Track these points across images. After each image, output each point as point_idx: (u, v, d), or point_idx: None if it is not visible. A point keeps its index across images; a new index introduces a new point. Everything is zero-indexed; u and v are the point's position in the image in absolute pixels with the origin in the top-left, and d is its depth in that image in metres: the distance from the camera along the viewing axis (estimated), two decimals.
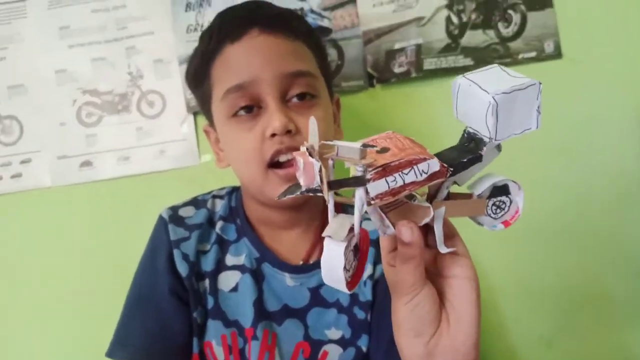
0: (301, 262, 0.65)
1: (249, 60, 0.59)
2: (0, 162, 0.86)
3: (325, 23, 0.86)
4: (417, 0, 0.86)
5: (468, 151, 0.36)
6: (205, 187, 0.74)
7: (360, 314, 0.64)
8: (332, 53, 0.86)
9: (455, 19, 0.86)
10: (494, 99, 0.32)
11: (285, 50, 0.60)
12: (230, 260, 0.65)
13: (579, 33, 0.85)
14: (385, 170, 0.32)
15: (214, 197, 0.70)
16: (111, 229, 0.85)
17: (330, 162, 0.33)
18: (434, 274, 0.39)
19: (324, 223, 0.66)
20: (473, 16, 0.87)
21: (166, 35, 0.86)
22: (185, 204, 0.68)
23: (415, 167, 0.33)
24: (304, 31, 0.65)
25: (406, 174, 0.33)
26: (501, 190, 0.40)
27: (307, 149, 0.31)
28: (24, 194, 0.86)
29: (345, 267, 0.34)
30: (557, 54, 0.85)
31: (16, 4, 0.88)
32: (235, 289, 0.63)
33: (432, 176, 0.34)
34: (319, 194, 0.32)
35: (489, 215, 0.40)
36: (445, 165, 0.35)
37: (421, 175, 0.33)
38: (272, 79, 0.58)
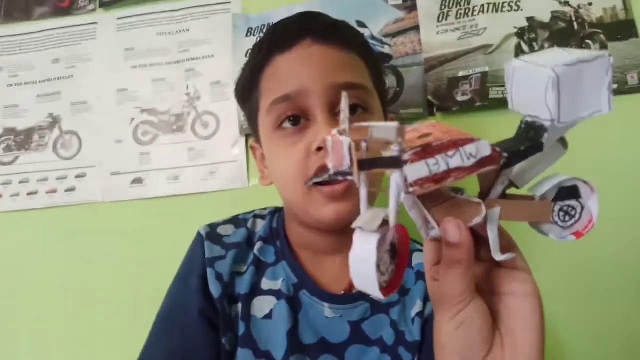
0: (343, 292, 0.59)
1: (298, 70, 0.56)
2: (57, 176, 0.87)
3: (385, 50, 0.83)
4: (484, 28, 0.82)
5: (527, 140, 0.31)
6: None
7: (405, 356, 0.56)
8: (391, 80, 0.83)
9: (526, 48, 0.81)
10: (554, 71, 0.27)
11: (338, 61, 0.56)
12: (266, 284, 0.60)
13: None
14: (425, 151, 0.27)
15: (256, 216, 0.66)
16: (157, 246, 0.84)
17: (364, 144, 0.28)
18: (486, 292, 0.33)
19: None
20: (546, 45, 0.81)
21: (226, 59, 0.86)
22: (226, 222, 0.65)
23: (461, 149, 0.28)
24: (359, 43, 0.61)
25: (450, 157, 0.28)
26: (570, 192, 0.33)
27: (337, 130, 0.27)
28: (76, 208, 0.86)
29: (378, 266, 0.28)
30: None
31: (88, 26, 0.92)
32: (269, 316, 0.58)
33: (482, 162, 0.28)
34: (350, 177, 0.27)
35: (556, 223, 0.33)
36: (498, 149, 0.29)
37: (469, 159, 0.28)
38: (321, 89, 0.54)
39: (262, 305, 0.58)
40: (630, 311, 0.74)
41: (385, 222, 0.29)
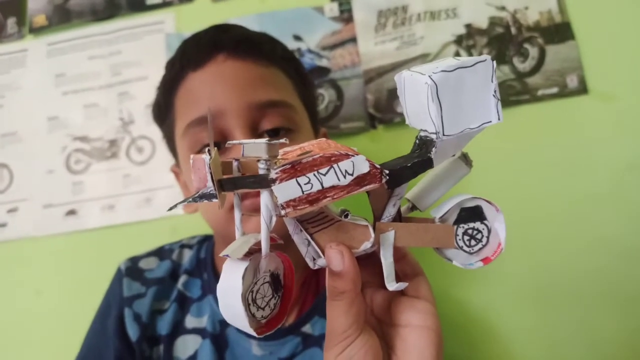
0: None
1: (213, 89, 0.51)
2: None
3: (323, 63, 0.81)
4: (422, 37, 0.80)
5: (416, 156, 0.28)
6: None
7: None
8: (330, 93, 0.80)
9: (464, 55, 0.79)
10: (430, 78, 0.25)
11: (255, 77, 0.52)
12: (190, 322, 0.55)
13: (606, 65, 0.76)
14: (295, 168, 0.25)
15: (183, 246, 0.62)
16: (93, 281, 0.79)
17: (235, 163, 0.26)
18: (386, 323, 0.30)
19: (308, 276, 0.57)
20: (485, 51, 0.79)
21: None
22: (149, 254, 0.61)
23: (335, 165, 0.26)
24: (279, 56, 0.57)
25: (324, 175, 0.25)
26: (473, 214, 0.30)
27: (207, 149, 0.25)
28: (7, 244, 0.82)
29: (246, 298, 0.26)
30: (583, 89, 0.76)
31: (17, 54, 0.88)
32: (193, 357, 0.53)
33: (361, 180, 0.26)
34: (215, 200, 0.24)
35: (461, 248, 0.30)
36: (378, 166, 0.26)
37: (345, 177, 0.26)
38: (239, 109, 0.50)
39: (186, 345, 0.54)
40: (586, 318, 0.72)
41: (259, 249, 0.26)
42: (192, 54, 0.54)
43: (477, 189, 0.65)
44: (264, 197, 0.26)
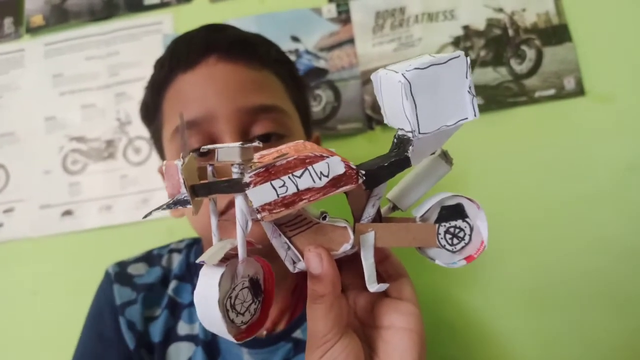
0: (264, 333, 0.54)
1: (203, 92, 0.49)
2: None
3: (321, 64, 0.81)
4: (419, 38, 0.80)
5: (393, 156, 0.28)
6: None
7: None
8: (328, 94, 0.80)
9: None
10: (403, 76, 0.25)
11: (247, 81, 0.50)
12: (183, 328, 0.54)
13: (603, 67, 0.76)
14: (269, 171, 0.25)
15: (171, 251, 0.61)
16: (90, 282, 0.79)
17: (210, 168, 0.26)
18: (368, 325, 0.30)
19: (299, 283, 0.57)
20: (482, 53, 0.80)
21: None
22: (138, 260, 0.59)
23: (309, 167, 0.25)
24: (273, 59, 0.55)
25: (299, 177, 0.25)
26: (455, 212, 0.30)
27: (181, 154, 0.25)
28: (3, 245, 0.81)
29: (224, 305, 0.26)
30: (580, 91, 0.76)
31: (14, 54, 0.88)
32: None
33: (336, 181, 0.26)
34: (189, 206, 0.24)
35: (444, 247, 0.30)
36: (354, 167, 0.26)
37: (320, 178, 0.26)
38: (229, 113, 0.48)
39: (179, 353, 0.53)
40: (584, 319, 0.72)
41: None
42: (183, 54, 0.52)
43: (475, 190, 0.65)
44: (239, 202, 0.26)
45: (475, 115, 0.27)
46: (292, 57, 0.80)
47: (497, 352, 0.73)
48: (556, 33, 0.78)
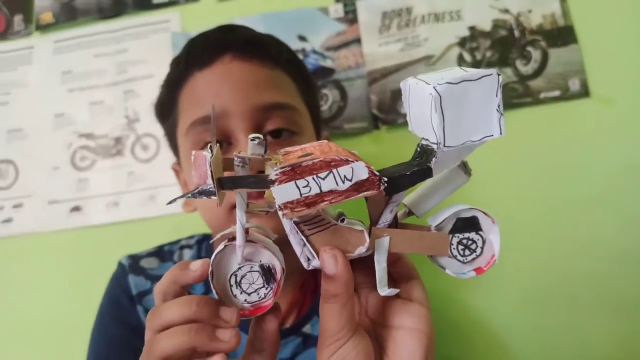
0: None
1: (218, 89, 0.51)
2: None
3: (327, 63, 0.82)
4: (426, 38, 0.81)
5: (416, 165, 0.29)
6: None
7: None
8: (334, 94, 0.81)
9: (468, 57, 0.80)
10: (435, 89, 0.25)
11: (261, 79, 0.52)
12: None
13: (608, 69, 0.76)
14: (294, 171, 0.25)
15: (182, 247, 0.62)
16: (96, 277, 0.80)
17: (237, 160, 0.26)
18: (379, 324, 0.31)
19: (307, 278, 0.58)
20: (488, 54, 0.80)
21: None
22: (149, 255, 0.60)
23: (334, 170, 0.26)
24: (285, 59, 0.57)
25: (323, 179, 0.26)
26: (469, 224, 0.31)
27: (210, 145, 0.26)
28: (12, 239, 0.82)
29: (229, 280, 0.29)
30: (584, 92, 0.76)
31: (24, 51, 0.89)
32: None
33: (359, 186, 0.27)
34: (214, 197, 0.25)
35: (455, 257, 0.31)
36: (377, 173, 0.27)
37: (343, 182, 0.26)
38: (243, 111, 0.50)
39: None
40: (582, 320, 0.73)
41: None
42: (199, 53, 0.54)
43: (478, 191, 0.65)
44: (239, 200, 0.28)
45: (501, 133, 0.28)
46: (299, 56, 0.81)
47: (497, 352, 0.74)
48: (562, 34, 0.79)
